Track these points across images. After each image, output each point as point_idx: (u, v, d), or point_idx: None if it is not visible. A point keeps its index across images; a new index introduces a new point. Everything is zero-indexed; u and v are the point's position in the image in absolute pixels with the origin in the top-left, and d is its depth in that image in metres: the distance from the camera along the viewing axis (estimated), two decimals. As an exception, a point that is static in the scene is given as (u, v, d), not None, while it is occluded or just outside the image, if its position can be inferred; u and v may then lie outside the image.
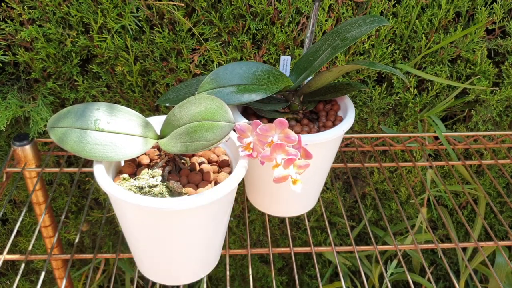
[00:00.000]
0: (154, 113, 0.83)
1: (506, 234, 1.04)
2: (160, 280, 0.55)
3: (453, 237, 0.67)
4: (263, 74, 0.57)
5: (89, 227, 1.00)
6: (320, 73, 0.55)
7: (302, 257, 1.11)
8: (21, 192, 0.91)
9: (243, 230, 1.03)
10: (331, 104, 0.64)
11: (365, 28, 0.54)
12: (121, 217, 0.50)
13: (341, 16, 0.75)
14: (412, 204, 1.00)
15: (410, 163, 0.79)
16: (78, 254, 0.63)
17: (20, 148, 0.73)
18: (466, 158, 0.94)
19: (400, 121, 0.87)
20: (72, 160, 0.90)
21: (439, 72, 0.80)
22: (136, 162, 0.53)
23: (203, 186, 0.49)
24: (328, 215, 1.03)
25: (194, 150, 0.46)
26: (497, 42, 0.79)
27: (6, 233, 0.97)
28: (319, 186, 0.66)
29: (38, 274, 1.03)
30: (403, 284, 1.13)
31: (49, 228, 0.82)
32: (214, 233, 0.52)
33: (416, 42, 0.78)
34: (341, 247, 0.65)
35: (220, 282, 1.12)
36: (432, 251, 1.09)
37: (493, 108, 0.84)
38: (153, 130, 0.51)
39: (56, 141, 0.46)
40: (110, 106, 0.49)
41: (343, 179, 1.00)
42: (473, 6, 0.76)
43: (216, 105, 0.46)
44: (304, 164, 0.44)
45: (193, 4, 0.72)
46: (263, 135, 0.45)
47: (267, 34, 0.76)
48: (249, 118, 0.61)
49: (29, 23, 0.73)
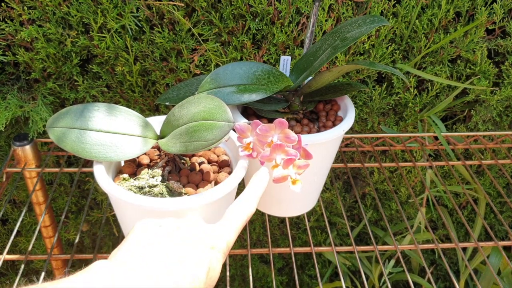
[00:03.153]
0: (154, 113, 0.83)
1: (506, 234, 1.04)
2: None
3: (453, 237, 0.67)
4: (263, 74, 0.57)
5: (89, 227, 1.00)
6: (320, 73, 0.55)
7: (302, 257, 1.11)
8: (21, 192, 0.91)
9: (243, 230, 1.03)
10: (331, 104, 0.64)
11: (365, 28, 0.54)
12: (121, 217, 0.50)
13: (341, 16, 0.75)
14: (412, 204, 1.00)
15: (410, 163, 0.79)
16: (78, 254, 0.63)
17: (20, 148, 0.73)
18: (466, 158, 0.94)
19: (400, 121, 0.87)
20: (72, 160, 0.90)
21: (439, 72, 0.80)
22: (136, 162, 0.53)
23: (203, 186, 0.49)
24: (328, 215, 1.03)
25: (193, 150, 0.45)
26: (497, 42, 0.79)
27: (6, 233, 0.97)
28: (319, 186, 0.66)
29: (38, 274, 1.03)
30: (403, 284, 1.13)
31: (49, 228, 0.82)
32: (214, 233, 0.52)
33: (416, 42, 0.78)
34: (341, 247, 0.65)
35: (220, 282, 1.12)
36: (432, 251, 1.09)
37: (493, 108, 0.84)
38: (153, 130, 0.51)
39: (55, 141, 0.46)
40: (110, 106, 0.49)
41: (343, 179, 1.00)
42: (473, 6, 0.76)
43: (216, 105, 0.46)
44: (304, 164, 0.44)
45: (193, 4, 0.72)
46: (263, 135, 0.45)
47: (267, 34, 0.76)
48: (249, 118, 0.61)
49: (29, 23, 0.73)
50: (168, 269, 0.32)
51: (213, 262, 0.35)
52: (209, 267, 0.34)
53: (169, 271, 0.32)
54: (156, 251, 0.33)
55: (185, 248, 0.34)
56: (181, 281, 0.32)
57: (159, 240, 0.34)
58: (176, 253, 0.33)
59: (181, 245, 0.34)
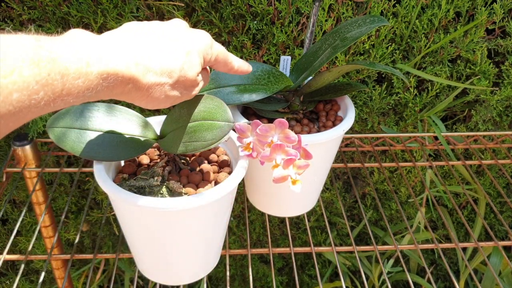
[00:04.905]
0: (154, 113, 0.83)
1: (506, 234, 1.04)
2: (160, 280, 0.55)
3: (453, 237, 0.67)
4: (263, 74, 0.57)
5: (89, 227, 1.00)
6: (320, 73, 0.55)
7: (302, 257, 1.11)
8: (21, 192, 0.91)
9: (243, 230, 1.03)
10: (331, 104, 0.64)
11: (365, 28, 0.54)
12: (121, 217, 0.50)
13: (341, 16, 0.75)
14: (412, 204, 1.00)
15: (410, 163, 0.79)
16: (78, 254, 0.63)
17: (20, 148, 0.73)
18: (466, 158, 0.94)
19: (400, 121, 0.87)
20: (72, 160, 0.90)
21: (439, 72, 0.80)
22: (136, 162, 0.53)
23: (203, 186, 0.49)
24: (328, 215, 1.03)
25: (193, 150, 0.45)
26: (497, 42, 0.79)
27: (6, 233, 0.97)
28: (319, 186, 0.66)
29: (38, 274, 1.03)
30: (403, 284, 1.13)
31: (49, 228, 0.82)
32: (214, 233, 0.52)
33: (416, 42, 0.78)
34: (341, 247, 0.65)
35: (220, 282, 1.12)
36: (432, 251, 1.09)
37: (493, 108, 0.84)
38: (152, 130, 0.51)
39: (55, 141, 0.46)
40: (110, 107, 0.49)
41: (343, 179, 1.00)
42: (473, 6, 0.76)
43: (215, 105, 0.46)
44: (304, 164, 0.44)
45: (193, 4, 0.72)
46: (263, 135, 0.45)
47: (267, 34, 0.76)
48: (249, 118, 0.61)
49: (29, 23, 0.73)
50: (161, 40, 0.37)
51: (192, 53, 0.39)
52: (189, 51, 0.39)
53: (162, 41, 0.37)
54: (141, 31, 0.38)
55: (169, 33, 0.39)
56: (169, 49, 0.37)
57: (142, 27, 0.38)
58: (164, 33, 0.39)
59: (166, 33, 0.39)
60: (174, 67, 0.37)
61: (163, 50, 0.37)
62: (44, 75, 0.27)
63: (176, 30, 0.40)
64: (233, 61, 0.45)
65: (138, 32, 0.37)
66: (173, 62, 0.37)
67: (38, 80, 0.27)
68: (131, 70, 0.34)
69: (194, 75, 0.40)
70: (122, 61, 0.33)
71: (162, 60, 0.37)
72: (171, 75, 0.37)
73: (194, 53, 0.39)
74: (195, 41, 0.40)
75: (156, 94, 0.37)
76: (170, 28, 0.40)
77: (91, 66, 0.30)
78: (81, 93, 0.30)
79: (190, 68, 0.39)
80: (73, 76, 0.29)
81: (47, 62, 0.27)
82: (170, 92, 0.38)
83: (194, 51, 0.39)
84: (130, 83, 0.34)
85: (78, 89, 0.30)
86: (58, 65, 0.28)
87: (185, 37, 0.39)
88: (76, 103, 0.31)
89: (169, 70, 0.37)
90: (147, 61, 0.35)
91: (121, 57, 0.33)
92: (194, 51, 0.39)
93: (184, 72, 0.38)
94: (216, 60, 0.43)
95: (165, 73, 0.37)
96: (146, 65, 0.35)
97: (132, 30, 0.37)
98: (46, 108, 0.28)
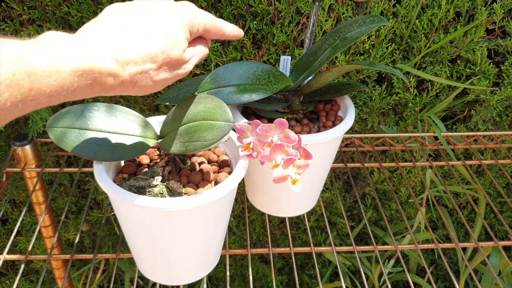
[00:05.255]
0: (154, 113, 0.83)
1: (506, 234, 1.04)
2: (160, 280, 0.55)
3: (453, 237, 0.67)
4: (263, 74, 0.57)
5: (89, 227, 1.00)
6: (320, 73, 0.55)
7: (302, 257, 1.11)
8: (21, 192, 0.91)
9: (243, 230, 1.03)
10: (331, 104, 0.64)
11: (365, 28, 0.54)
12: (121, 217, 0.50)
13: (341, 16, 0.75)
14: (412, 204, 1.00)
15: (410, 163, 0.79)
16: (78, 254, 0.63)
17: (20, 148, 0.73)
18: (466, 158, 0.94)
19: (400, 121, 0.87)
20: (72, 160, 0.90)
21: (439, 72, 0.80)
22: (136, 162, 0.53)
23: (203, 186, 0.49)
24: (328, 215, 1.03)
25: (193, 150, 0.46)
26: (497, 42, 0.79)
27: (6, 233, 0.97)
28: (319, 186, 0.66)
29: (38, 274, 1.03)
30: (403, 284, 1.13)
31: (49, 228, 0.82)
32: (214, 233, 0.52)
33: (416, 42, 0.78)
34: (341, 247, 0.65)
35: (220, 282, 1.12)
36: (431, 251, 1.09)
37: (493, 108, 0.84)
38: (152, 130, 0.51)
39: (55, 141, 0.46)
40: (110, 106, 0.49)
41: (343, 179, 1.00)
42: (473, 6, 0.76)
43: (215, 105, 0.46)
44: (304, 164, 0.44)
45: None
46: (263, 135, 0.45)
47: (267, 34, 0.76)
48: (249, 118, 0.61)
49: (29, 23, 0.73)
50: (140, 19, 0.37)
51: (174, 30, 0.38)
52: (170, 29, 0.38)
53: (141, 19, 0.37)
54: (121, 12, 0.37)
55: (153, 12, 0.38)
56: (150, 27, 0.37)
57: (122, 10, 0.38)
58: (144, 14, 0.38)
59: (146, 12, 0.38)
60: (156, 51, 0.37)
61: (142, 35, 0.36)
62: (8, 75, 0.26)
63: (157, 8, 0.39)
64: (223, 26, 0.44)
65: (117, 19, 0.36)
66: (153, 46, 0.36)
67: (1, 80, 0.26)
68: (107, 65, 0.33)
69: (180, 53, 0.39)
70: (96, 57, 0.32)
71: (142, 46, 0.36)
72: (154, 60, 0.37)
73: (177, 29, 0.38)
74: (177, 15, 0.39)
75: (142, 82, 0.37)
76: (151, 6, 0.39)
77: (63, 63, 0.30)
78: (54, 92, 0.29)
79: (173, 47, 0.38)
80: (43, 75, 0.28)
81: (12, 62, 0.27)
82: (157, 76, 0.38)
83: (177, 28, 0.38)
84: (110, 77, 0.33)
85: (49, 88, 0.29)
86: (25, 65, 0.27)
87: (167, 14, 0.39)
88: (50, 104, 0.30)
89: (151, 56, 0.36)
90: (125, 53, 0.34)
91: (96, 52, 0.32)
92: (177, 27, 0.38)
93: (167, 54, 0.37)
94: (204, 29, 0.42)
95: (147, 60, 0.36)
96: (124, 57, 0.34)
97: (110, 18, 0.36)
98: (14, 109, 0.27)
